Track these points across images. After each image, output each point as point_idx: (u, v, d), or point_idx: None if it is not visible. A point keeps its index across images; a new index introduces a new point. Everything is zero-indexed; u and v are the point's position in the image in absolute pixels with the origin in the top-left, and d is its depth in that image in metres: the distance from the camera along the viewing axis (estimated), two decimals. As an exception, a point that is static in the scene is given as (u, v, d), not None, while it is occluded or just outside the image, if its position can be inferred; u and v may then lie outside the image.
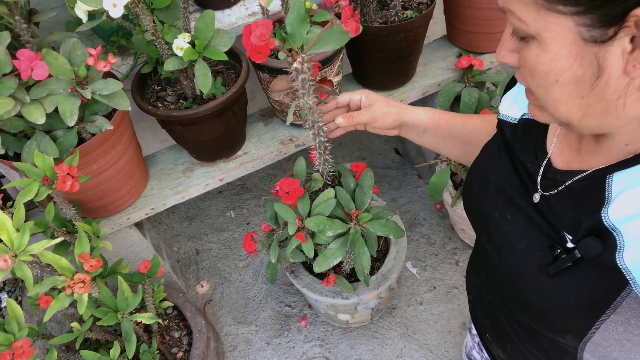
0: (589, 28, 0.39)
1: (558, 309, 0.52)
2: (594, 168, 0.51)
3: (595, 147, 0.52)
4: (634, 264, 0.44)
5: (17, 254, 0.83)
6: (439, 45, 1.59)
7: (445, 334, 1.56)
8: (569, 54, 0.41)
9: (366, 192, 1.00)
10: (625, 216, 0.45)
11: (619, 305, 0.47)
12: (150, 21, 1.01)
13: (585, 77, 0.42)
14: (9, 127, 0.98)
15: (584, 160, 0.53)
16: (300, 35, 0.65)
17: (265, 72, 1.20)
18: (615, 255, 0.45)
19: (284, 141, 1.36)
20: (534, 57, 0.44)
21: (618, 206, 0.46)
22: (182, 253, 1.89)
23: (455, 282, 1.67)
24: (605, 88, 0.42)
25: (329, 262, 0.99)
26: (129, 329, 1.06)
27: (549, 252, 0.53)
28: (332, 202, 0.95)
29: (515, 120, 0.65)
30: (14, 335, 0.94)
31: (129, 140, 1.17)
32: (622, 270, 0.45)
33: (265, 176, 2.10)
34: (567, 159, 0.56)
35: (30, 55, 0.86)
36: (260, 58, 0.62)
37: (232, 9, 1.41)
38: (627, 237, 0.45)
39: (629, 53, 0.39)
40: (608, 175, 0.49)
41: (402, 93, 1.45)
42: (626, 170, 0.47)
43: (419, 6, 1.31)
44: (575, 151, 0.55)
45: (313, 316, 1.65)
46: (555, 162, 0.57)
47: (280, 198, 0.96)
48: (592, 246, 0.48)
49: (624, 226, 0.45)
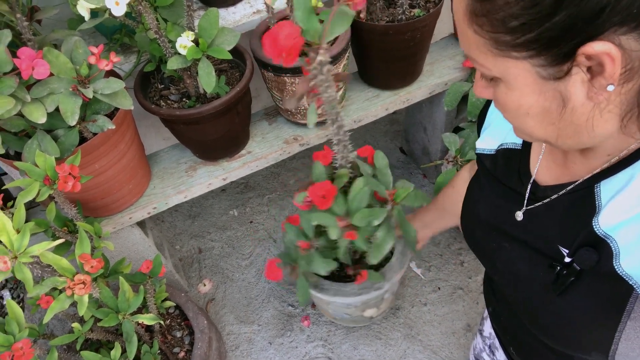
0: (545, 67, 0.41)
1: (574, 326, 0.52)
2: (582, 179, 0.52)
3: (580, 159, 0.53)
4: (632, 269, 0.45)
5: (17, 256, 0.82)
6: (446, 44, 1.56)
7: (449, 335, 1.55)
8: (532, 91, 0.44)
9: (385, 172, 1.00)
10: (617, 223, 0.46)
11: (631, 310, 0.47)
12: (153, 19, 0.99)
13: (552, 108, 0.44)
14: (10, 126, 0.97)
15: (572, 173, 0.54)
16: (314, 28, 0.64)
17: (271, 71, 1.18)
18: (613, 263, 0.46)
19: (288, 140, 1.35)
20: (504, 96, 0.47)
21: (608, 214, 0.47)
22: (185, 251, 1.89)
23: (460, 283, 1.66)
24: (572, 114, 0.44)
25: (382, 250, 0.97)
26: (130, 330, 1.05)
27: (551, 271, 0.53)
28: (366, 191, 0.94)
29: (493, 151, 0.67)
30: (14, 336, 0.93)
31: (131, 139, 1.16)
32: (623, 277, 0.46)
33: (269, 175, 2.09)
34: (555, 175, 0.57)
35: (31, 53, 0.85)
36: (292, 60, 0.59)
37: (236, 6, 1.39)
38: (622, 243, 0.46)
39: (588, 81, 0.40)
40: (596, 185, 0.50)
41: (408, 92, 1.43)
42: (612, 177, 0.48)
43: (427, 4, 1.29)
44: (562, 166, 0.56)
45: (316, 316, 1.64)
46: (542, 180, 0.59)
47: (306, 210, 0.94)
48: (588, 257, 0.49)
49: (617, 233, 0.46)
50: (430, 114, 1.70)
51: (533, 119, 0.46)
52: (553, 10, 0.37)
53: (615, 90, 0.40)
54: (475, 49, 0.45)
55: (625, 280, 0.46)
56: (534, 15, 0.38)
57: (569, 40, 0.38)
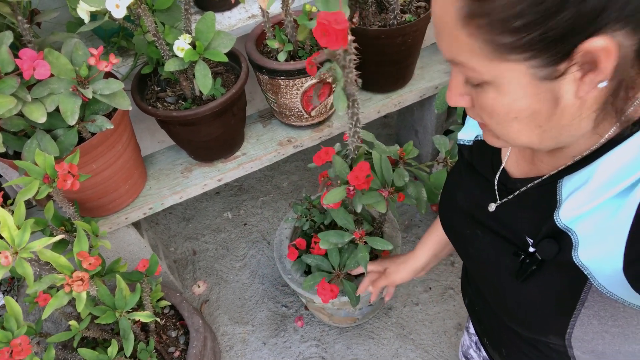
0: (542, 68, 0.40)
1: (534, 311, 0.56)
2: (547, 175, 0.54)
3: (547, 157, 0.55)
4: (589, 259, 0.48)
5: (18, 251, 0.83)
6: (436, 48, 1.60)
7: (440, 334, 1.57)
8: (525, 94, 0.43)
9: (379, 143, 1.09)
10: (575, 216, 0.48)
11: (585, 300, 0.50)
12: (151, 22, 1.01)
13: (542, 110, 0.43)
14: (10, 125, 0.98)
15: (539, 169, 0.57)
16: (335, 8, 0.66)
17: (265, 73, 1.21)
18: (572, 253, 0.49)
19: (282, 142, 1.37)
20: (491, 101, 0.45)
21: (567, 208, 0.49)
22: (179, 253, 1.90)
23: (451, 283, 1.69)
24: (561, 115, 0.43)
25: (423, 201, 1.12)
26: (126, 327, 1.07)
27: (515, 259, 0.56)
28: (385, 158, 1.01)
29: (470, 142, 0.69)
30: (12, 333, 0.94)
31: (128, 140, 1.18)
32: (580, 267, 0.49)
33: (263, 177, 2.11)
34: (524, 170, 0.59)
35: (32, 54, 0.87)
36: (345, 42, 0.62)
37: (232, 11, 1.42)
38: (581, 235, 0.48)
39: (579, 79, 0.40)
40: (559, 180, 0.52)
41: (399, 95, 1.46)
42: (573, 174, 0.50)
43: (417, 10, 1.33)
44: (530, 162, 0.58)
45: (309, 316, 1.66)
46: (512, 172, 0.61)
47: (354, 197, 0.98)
48: (549, 248, 0.51)
49: (577, 225, 0.49)
50: (421, 117, 1.73)
51: (520, 123, 0.45)
52: (559, 7, 0.36)
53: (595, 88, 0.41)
54: (466, 53, 0.43)
55: (581, 271, 0.49)
56: (540, 13, 0.36)
57: (571, 38, 0.37)
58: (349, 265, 1.13)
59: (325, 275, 1.18)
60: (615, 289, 0.47)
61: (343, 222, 1.05)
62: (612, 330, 0.50)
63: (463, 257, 0.73)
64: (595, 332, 0.51)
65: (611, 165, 0.45)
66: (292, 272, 1.32)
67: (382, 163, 1.00)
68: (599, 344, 0.52)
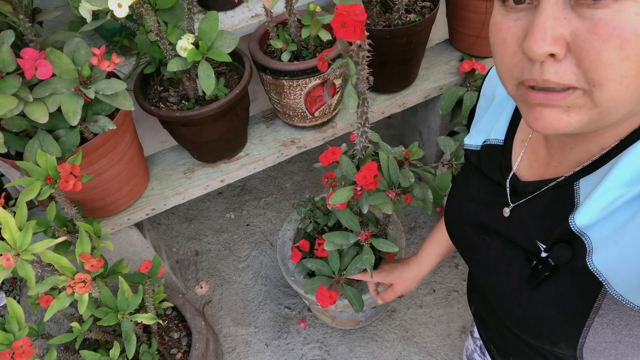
0: None
1: (545, 319, 0.54)
2: (563, 176, 0.52)
3: (564, 157, 0.53)
4: (604, 265, 0.46)
5: (20, 253, 0.82)
6: (441, 49, 1.59)
7: (444, 337, 1.56)
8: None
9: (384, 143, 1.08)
10: (591, 220, 0.46)
11: (599, 307, 0.48)
12: (154, 21, 1.01)
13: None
14: (11, 126, 0.97)
15: (555, 171, 0.55)
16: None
17: (269, 74, 1.20)
18: (586, 259, 0.47)
19: (286, 143, 1.36)
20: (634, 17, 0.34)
21: (584, 211, 0.47)
22: (182, 254, 1.89)
23: (455, 286, 1.67)
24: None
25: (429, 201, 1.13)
26: (129, 329, 1.06)
27: (527, 265, 0.54)
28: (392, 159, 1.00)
29: (478, 147, 0.67)
30: (14, 335, 0.93)
31: (130, 140, 1.17)
32: (594, 273, 0.46)
33: (266, 178, 2.10)
34: (538, 172, 0.57)
35: (34, 54, 0.86)
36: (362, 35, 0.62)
37: (235, 10, 1.41)
38: (595, 240, 0.46)
39: None
40: (575, 182, 0.50)
41: (404, 96, 1.45)
42: (590, 174, 0.48)
43: (422, 10, 1.31)
44: (545, 164, 0.56)
45: (312, 318, 1.65)
46: (524, 176, 0.59)
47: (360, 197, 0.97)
48: (562, 252, 0.49)
49: (592, 230, 0.47)
50: (426, 118, 1.72)
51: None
52: None
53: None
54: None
55: (595, 277, 0.46)
56: None
57: None
58: (349, 271, 1.12)
59: (325, 280, 1.17)
60: (632, 296, 0.45)
61: (349, 224, 1.04)
62: (626, 340, 0.48)
63: (470, 265, 0.71)
64: (608, 342, 0.50)
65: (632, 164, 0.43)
66: (295, 273, 1.31)
67: (389, 164, 0.99)
68: (611, 354, 0.50)
